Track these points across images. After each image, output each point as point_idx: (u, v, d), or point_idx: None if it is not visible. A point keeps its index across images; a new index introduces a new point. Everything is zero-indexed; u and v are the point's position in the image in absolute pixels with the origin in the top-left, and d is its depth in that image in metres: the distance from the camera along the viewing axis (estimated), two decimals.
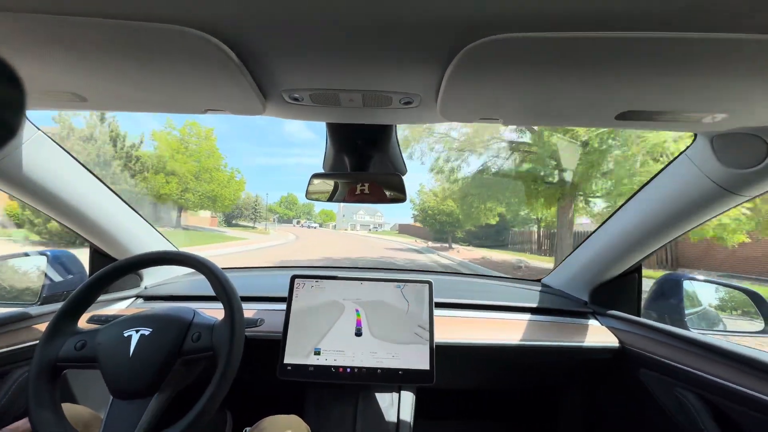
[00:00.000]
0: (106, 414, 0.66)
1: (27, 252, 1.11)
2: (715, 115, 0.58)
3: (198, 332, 0.72)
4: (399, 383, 0.99)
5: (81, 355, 0.68)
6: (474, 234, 19.52)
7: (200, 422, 0.62)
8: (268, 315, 1.03)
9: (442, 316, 1.10)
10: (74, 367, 0.69)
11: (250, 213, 39.78)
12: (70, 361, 0.68)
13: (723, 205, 0.81)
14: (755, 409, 0.70)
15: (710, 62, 0.44)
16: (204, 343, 0.71)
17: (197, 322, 0.75)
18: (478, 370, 1.15)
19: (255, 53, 0.49)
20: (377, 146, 0.90)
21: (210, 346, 0.70)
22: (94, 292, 0.76)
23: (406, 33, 0.43)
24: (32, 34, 0.43)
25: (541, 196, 7.42)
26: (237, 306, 0.72)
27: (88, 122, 13.35)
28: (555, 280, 1.38)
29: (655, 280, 1.20)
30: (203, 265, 0.76)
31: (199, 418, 0.62)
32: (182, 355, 0.70)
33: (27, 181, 0.82)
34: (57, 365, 0.67)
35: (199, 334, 0.72)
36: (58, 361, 0.67)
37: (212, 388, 0.64)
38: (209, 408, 0.63)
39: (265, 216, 45.98)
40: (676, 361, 0.87)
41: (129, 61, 0.49)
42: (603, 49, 0.42)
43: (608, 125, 0.65)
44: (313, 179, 0.90)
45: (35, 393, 0.63)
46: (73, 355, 0.68)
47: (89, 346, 0.69)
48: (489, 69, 0.48)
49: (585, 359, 1.06)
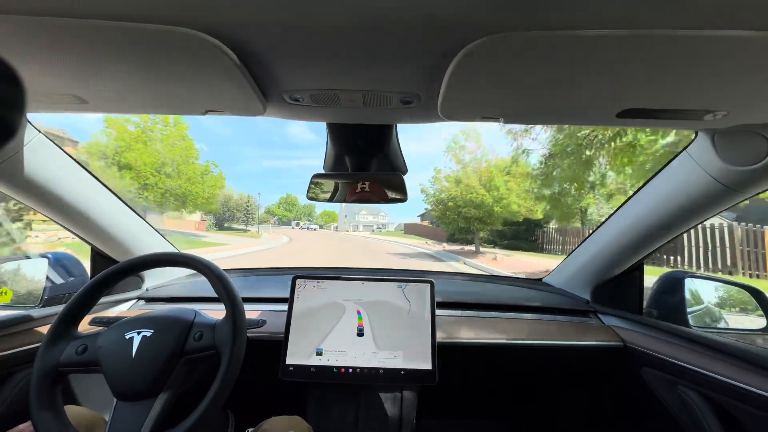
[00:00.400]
0: (111, 416, 0.66)
1: (28, 254, 1.11)
2: (716, 113, 0.58)
3: (200, 331, 0.72)
4: (401, 383, 0.99)
5: (83, 359, 0.68)
6: (500, 233, 14.96)
7: (205, 420, 0.62)
8: (269, 316, 1.03)
9: (444, 315, 1.10)
10: (76, 371, 0.69)
11: (242, 215, 38.21)
12: (72, 366, 0.68)
13: (724, 203, 0.81)
14: (758, 406, 0.69)
15: (711, 60, 0.44)
16: (206, 342, 0.71)
17: (199, 321, 0.75)
18: (480, 369, 1.15)
19: (255, 54, 0.49)
20: (378, 146, 0.90)
21: (212, 344, 0.71)
22: (93, 296, 0.76)
23: (406, 33, 0.43)
24: (33, 37, 0.43)
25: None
26: (238, 304, 0.72)
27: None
28: (556, 279, 1.37)
29: (657, 278, 1.20)
30: (204, 266, 0.76)
31: (204, 416, 0.62)
32: (185, 355, 0.70)
33: (28, 183, 0.82)
34: (59, 370, 0.67)
35: (201, 334, 0.72)
36: (60, 366, 0.67)
37: (216, 386, 0.64)
38: (214, 405, 0.63)
39: (260, 218, 44.39)
40: (679, 360, 0.87)
41: (130, 63, 0.49)
42: (603, 48, 0.42)
43: (609, 123, 0.65)
44: (313, 180, 0.90)
45: (38, 398, 0.63)
46: (74, 359, 0.68)
47: (90, 350, 0.69)
48: (489, 68, 0.48)
49: (587, 358, 1.06)
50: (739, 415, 0.74)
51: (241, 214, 38.03)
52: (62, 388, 0.68)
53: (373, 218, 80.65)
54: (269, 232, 32.56)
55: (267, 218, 58.25)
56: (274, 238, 23.72)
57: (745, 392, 0.71)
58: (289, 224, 77.89)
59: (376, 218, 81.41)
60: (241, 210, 38.10)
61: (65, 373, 0.68)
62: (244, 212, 38.26)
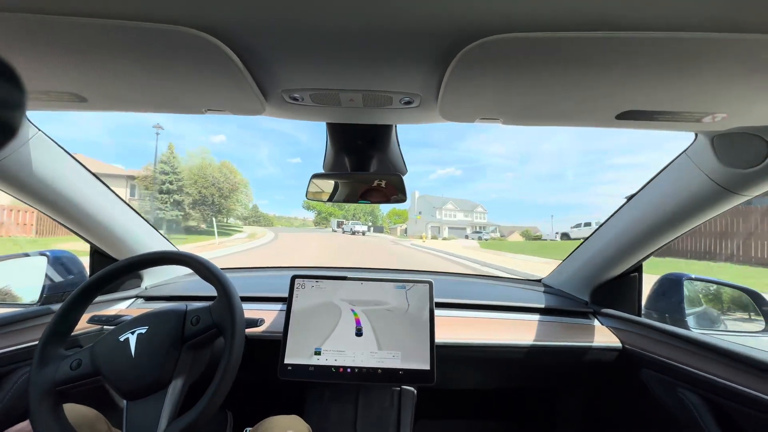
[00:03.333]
0: (125, 417, 0.65)
1: (27, 252, 1.11)
2: (715, 115, 0.58)
3: (196, 316, 0.72)
4: (399, 383, 0.99)
5: (79, 373, 0.66)
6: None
7: (217, 400, 0.62)
8: (268, 315, 1.03)
9: (443, 316, 1.10)
10: (76, 387, 0.67)
11: (239, 210, 29.95)
12: (70, 383, 0.66)
13: (723, 205, 0.81)
14: (757, 408, 0.70)
15: (710, 62, 0.44)
16: (204, 323, 0.71)
17: (192, 308, 0.75)
18: (478, 370, 1.15)
19: (255, 54, 0.49)
20: (377, 146, 0.90)
21: (212, 323, 0.71)
22: (78, 308, 0.74)
23: (406, 33, 0.43)
24: (32, 34, 0.43)
25: None
26: (230, 286, 0.73)
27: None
28: (555, 279, 1.38)
29: (656, 280, 1.20)
30: (200, 264, 0.76)
31: (216, 395, 0.62)
32: (186, 341, 0.70)
33: (28, 181, 0.82)
34: (57, 390, 0.65)
35: (197, 317, 0.72)
36: (58, 386, 0.65)
37: (225, 362, 0.64)
38: (225, 383, 0.63)
39: (256, 218, 38.58)
40: (677, 361, 0.87)
41: (129, 61, 0.49)
42: (602, 49, 0.42)
43: (608, 125, 0.65)
44: (313, 179, 0.90)
45: (40, 420, 0.61)
46: (71, 375, 0.66)
47: (85, 362, 0.67)
48: (489, 69, 0.48)
49: (586, 359, 1.06)
50: (737, 416, 0.74)
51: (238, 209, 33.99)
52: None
53: (464, 216, 49.61)
54: (278, 238, 21.14)
55: (266, 221, 50.63)
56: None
57: (743, 394, 0.72)
58: (332, 226, 51.90)
59: (470, 216, 49.97)
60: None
61: (66, 390, 0.66)
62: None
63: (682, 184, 0.84)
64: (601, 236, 1.12)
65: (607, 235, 1.09)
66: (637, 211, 0.98)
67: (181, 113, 0.69)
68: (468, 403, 1.48)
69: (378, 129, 0.84)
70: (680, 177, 0.84)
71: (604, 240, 1.11)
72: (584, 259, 1.21)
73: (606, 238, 1.10)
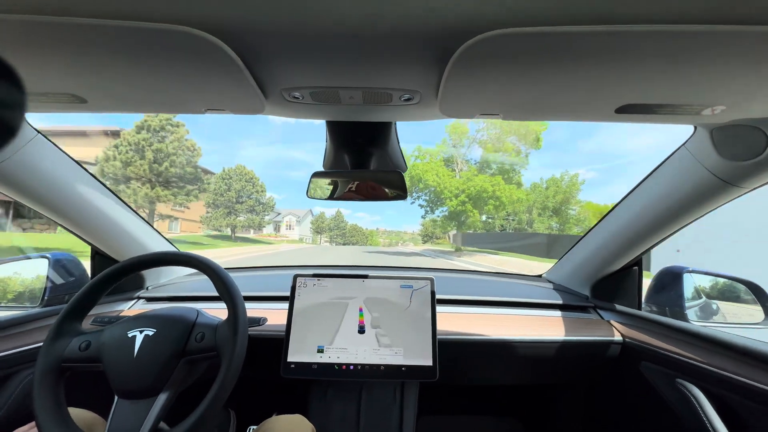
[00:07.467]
0: (112, 414, 0.66)
1: (29, 255, 1.11)
2: (714, 108, 0.58)
3: (201, 332, 0.73)
4: (402, 380, 1.00)
5: (85, 355, 0.69)
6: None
7: (204, 421, 0.62)
8: (271, 314, 1.03)
9: (444, 312, 1.11)
10: (79, 367, 0.69)
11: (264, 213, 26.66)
12: (74, 362, 0.69)
13: (723, 197, 0.81)
14: (757, 399, 0.70)
15: (709, 55, 0.44)
16: (207, 343, 0.71)
17: (200, 322, 0.75)
18: (479, 365, 1.15)
19: (255, 52, 0.49)
20: (377, 144, 0.90)
21: (213, 346, 0.71)
22: (97, 292, 0.77)
23: (406, 30, 0.43)
24: (32, 36, 0.43)
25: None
26: (240, 304, 0.72)
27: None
28: (556, 275, 1.38)
29: (656, 273, 1.21)
30: (206, 265, 0.76)
31: (203, 417, 0.62)
32: (186, 355, 0.70)
33: (27, 183, 0.82)
34: (62, 365, 0.68)
35: (202, 334, 0.72)
36: (63, 361, 0.68)
37: (216, 388, 0.64)
38: (213, 407, 0.63)
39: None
40: (678, 354, 0.87)
41: (129, 61, 0.49)
42: (601, 43, 0.42)
43: (608, 119, 0.65)
44: (313, 178, 0.90)
45: (40, 395, 0.64)
46: (77, 355, 0.69)
47: (93, 346, 0.70)
48: (488, 65, 0.48)
49: (587, 353, 1.07)
50: (738, 408, 0.75)
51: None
52: (64, 388, 0.68)
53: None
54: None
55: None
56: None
57: (743, 386, 0.72)
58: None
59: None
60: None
61: (68, 368, 0.69)
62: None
63: (681, 177, 0.84)
64: (601, 230, 1.12)
65: (607, 229, 1.10)
66: (636, 205, 0.98)
67: (181, 113, 0.69)
68: (470, 399, 1.48)
69: (378, 126, 0.84)
70: (680, 170, 0.84)
71: (604, 234, 1.11)
72: (584, 254, 1.21)
73: (606, 233, 1.10)
